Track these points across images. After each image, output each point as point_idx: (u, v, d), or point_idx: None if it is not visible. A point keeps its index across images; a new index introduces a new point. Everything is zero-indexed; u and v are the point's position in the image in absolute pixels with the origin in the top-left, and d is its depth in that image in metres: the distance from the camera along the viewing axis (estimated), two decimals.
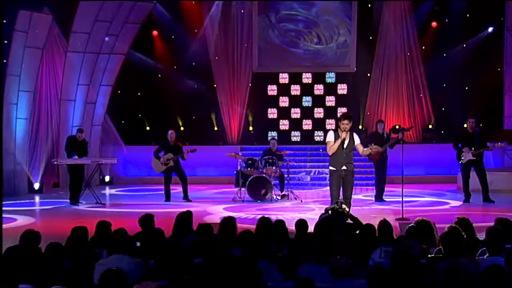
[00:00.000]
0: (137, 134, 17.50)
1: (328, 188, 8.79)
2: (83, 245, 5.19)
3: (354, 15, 17.66)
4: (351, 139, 8.46)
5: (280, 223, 5.81)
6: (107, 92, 16.31)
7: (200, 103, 17.68)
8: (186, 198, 12.31)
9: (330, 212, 6.71)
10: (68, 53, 15.14)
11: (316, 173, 16.34)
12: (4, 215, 6.48)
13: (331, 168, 8.53)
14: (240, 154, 13.78)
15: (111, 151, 16.69)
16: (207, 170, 16.72)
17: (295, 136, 18.35)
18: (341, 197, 8.30)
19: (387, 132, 11.82)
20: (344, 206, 6.83)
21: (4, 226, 6.38)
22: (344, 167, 8.40)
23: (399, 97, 17.52)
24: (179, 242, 5.62)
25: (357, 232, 5.83)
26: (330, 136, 8.52)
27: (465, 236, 4.83)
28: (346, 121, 8.35)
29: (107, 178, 16.62)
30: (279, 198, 12.42)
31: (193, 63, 17.76)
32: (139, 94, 18.01)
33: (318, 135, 18.08)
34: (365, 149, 8.59)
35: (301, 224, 5.84)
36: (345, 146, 8.41)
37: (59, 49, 15.41)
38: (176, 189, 12.70)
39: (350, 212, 7.03)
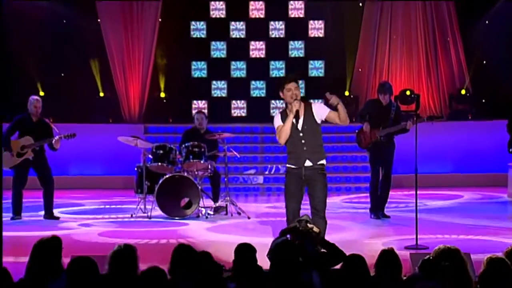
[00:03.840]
0: None
1: None
2: None
3: None
4: (309, 114, 8.56)
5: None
6: None
7: (74, 51, 17.48)
8: (50, 214, 12.18)
9: (289, 235, 6.77)
10: None
11: (274, 170, 16.46)
12: None
13: (287, 165, 8.68)
14: (143, 138, 13.67)
15: None
16: (87, 167, 16.57)
17: (238, 108, 18.42)
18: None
19: (394, 102, 11.96)
20: (310, 225, 6.92)
21: None
22: (308, 163, 8.53)
23: (411, 43, 17.78)
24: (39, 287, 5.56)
25: (337, 267, 5.90)
26: (277, 119, 8.66)
27: None
28: (292, 85, 8.45)
29: None
30: (210, 213, 12.46)
31: None
32: None
33: (277, 107, 18.16)
34: (338, 111, 8.30)
35: (243, 251, 5.96)
36: (299, 126, 8.53)
37: None
38: (35, 200, 12.53)
39: (323, 234, 7.13)
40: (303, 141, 8.51)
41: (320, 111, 8.57)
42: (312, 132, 8.56)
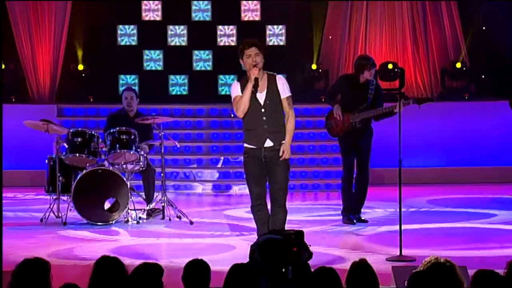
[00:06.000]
0: None
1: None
2: None
3: None
4: (273, 87, 9.19)
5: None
6: None
7: None
8: None
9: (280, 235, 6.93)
10: None
11: (221, 163, 16.57)
12: None
13: (245, 145, 9.25)
14: (56, 123, 13.66)
15: None
16: None
17: (178, 85, 18.49)
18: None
19: (373, 80, 12.00)
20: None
21: None
22: (268, 142, 9.14)
23: (394, 4, 17.82)
24: None
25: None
26: (235, 89, 9.33)
27: None
28: (252, 50, 9.15)
29: None
30: (143, 216, 12.54)
31: None
32: None
33: (227, 83, 18.21)
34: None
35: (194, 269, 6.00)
36: (262, 100, 9.17)
37: None
38: None
39: (283, 226, 7.44)
40: (264, 118, 9.13)
41: (283, 88, 9.18)
42: (275, 109, 9.19)
